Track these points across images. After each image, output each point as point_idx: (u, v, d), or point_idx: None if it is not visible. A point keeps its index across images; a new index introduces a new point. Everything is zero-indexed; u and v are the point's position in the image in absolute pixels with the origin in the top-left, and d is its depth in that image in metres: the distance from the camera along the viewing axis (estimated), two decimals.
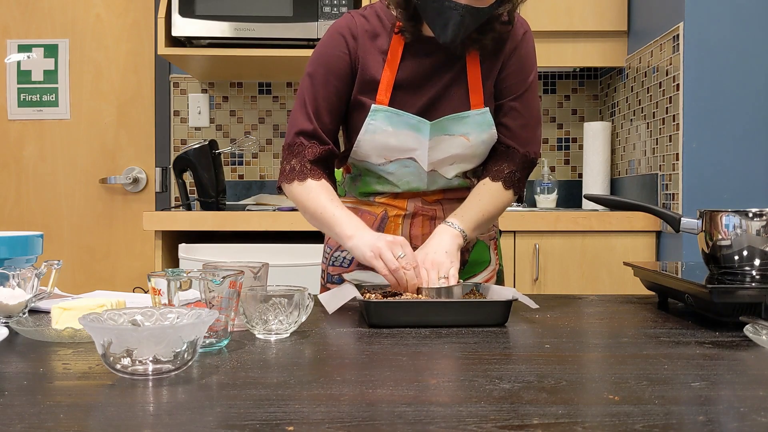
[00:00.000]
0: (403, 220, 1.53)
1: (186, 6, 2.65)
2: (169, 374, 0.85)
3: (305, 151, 1.46)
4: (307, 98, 1.47)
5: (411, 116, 1.44)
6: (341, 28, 1.47)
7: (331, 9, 2.66)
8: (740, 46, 2.30)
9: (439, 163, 1.49)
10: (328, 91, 1.46)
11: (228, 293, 1.01)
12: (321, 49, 1.48)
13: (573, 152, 3.25)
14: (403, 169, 1.49)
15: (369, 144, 1.47)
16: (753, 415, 0.71)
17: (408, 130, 1.45)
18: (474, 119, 1.46)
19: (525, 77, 1.50)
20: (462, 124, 1.46)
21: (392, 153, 1.47)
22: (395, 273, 1.30)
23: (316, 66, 1.47)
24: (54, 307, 1.10)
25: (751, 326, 1.03)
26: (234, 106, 3.24)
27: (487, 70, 1.47)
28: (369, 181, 1.55)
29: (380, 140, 1.45)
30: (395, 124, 1.44)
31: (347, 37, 1.46)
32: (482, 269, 1.59)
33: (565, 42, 2.86)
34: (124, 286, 3.21)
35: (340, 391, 0.80)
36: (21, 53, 3.26)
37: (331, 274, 1.59)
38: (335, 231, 1.42)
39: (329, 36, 1.48)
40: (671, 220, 1.36)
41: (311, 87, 1.46)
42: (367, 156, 1.49)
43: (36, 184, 3.27)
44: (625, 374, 0.87)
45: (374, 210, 1.55)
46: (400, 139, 1.45)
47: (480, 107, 1.46)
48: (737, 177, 2.30)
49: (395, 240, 1.33)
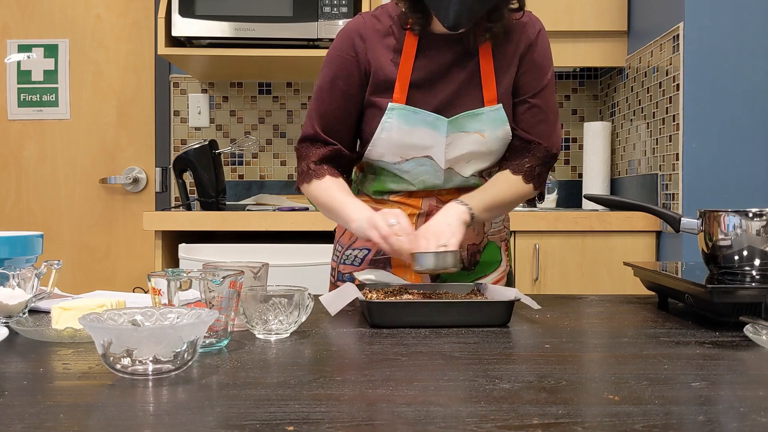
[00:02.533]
0: (417, 218, 1.53)
1: (186, 6, 2.66)
2: (169, 374, 0.85)
3: (309, 153, 1.51)
4: (313, 104, 1.51)
5: (428, 113, 1.45)
6: (349, 30, 1.48)
7: (331, 9, 2.66)
8: (740, 46, 2.30)
9: (456, 160, 1.49)
10: (334, 94, 1.48)
11: (228, 293, 1.01)
12: (329, 52, 1.50)
13: (573, 152, 3.25)
14: (419, 168, 1.49)
15: (385, 143, 1.47)
16: (753, 415, 0.71)
17: (425, 128, 1.45)
18: (488, 116, 1.46)
19: (543, 74, 1.50)
20: (477, 121, 1.46)
21: (408, 151, 1.48)
22: (387, 239, 1.32)
23: (325, 70, 1.50)
24: (54, 307, 1.10)
25: (751, 326, 1.03)
26: (234, 106, 3.24)
27: (500, 65, 1.47)
28: (383, 179, 1.55)
29: (396, 138, 1.46)
30: (412, 122, 1.45)
31: (355, 39, 1.47)
32: (493, 270, 1.58)
33: (565, 42, 2.86)
34: (124, 286, 3.21)
35: (340, 391, 0.80)
36: (21, 53, 3.26)
37: (342, 272, 1.58)
38: (342, 217, 1.44)
39: (338, 39, 1.50)
40: (671, 220, 1.36)
41: (318, 92, 1.51)
42: (382, 155, 1.50)
43: (36, 184, 3.27)
44: (625, 374, 0.87)
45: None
46: (417, 136, 1.46)
47: (493, 104, 1.47)
48: (737, 177, 2.30)
49: (390, 210, 1.36)
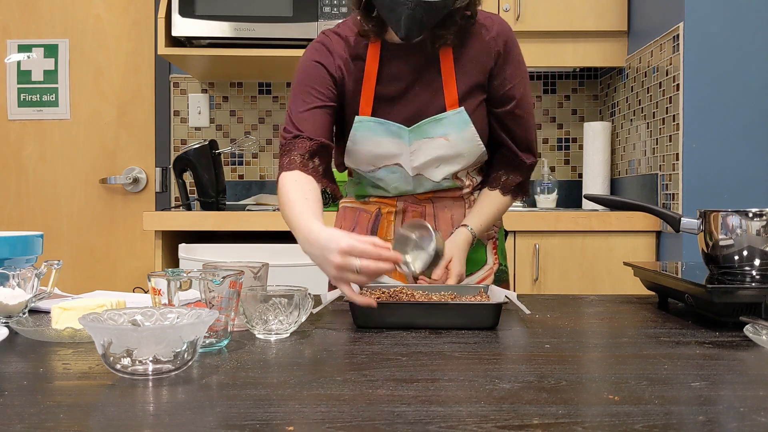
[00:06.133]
0: (395, 216, 1.59)
1: (186, 6, 2.65)
2: (169, 374, 0.85)
3: (295, 147, 1.44)
4: (290, 105, 1.49)
5: (392, 124, 1.49)
6: (316, 44, 1.52)
7: (331, 9, 2.66)
8: (740, 46, 2.30)
9: (423, 166, 1.52)
10: (309, 97, 1.47)
11: (228, 293, 1.01)
12: (300, 62, 1.52)
13: (573, 152, 3.25)
14: (391, 175, 1.54)
15: (357, 154, 1.53)
16: (753, 415, 0.71)
17: (390, 138, 1.49)
18: (451, 119, 1.48)
19: (517, 85, 1.52)
20: (440, 126, 1.49)
21: (379, 160, 1.53)
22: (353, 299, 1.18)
23: (297, 75, 1.50)
24: (54, 307, 1.10)
25: (751, 326, 1.03)
26: (234, 106, 3.24)
27: (461, 69, 1.49)
28: (364, 185, 1.62)
29: (366, 149, 1.51)
30: (378, 132, 1.49)
31: (322, 52, 1.50)
32: (478, 268, 1.60)
33: (565, 42, 2.86)
34: (124, 286, 3.21)
35: (340, 391, 0.80)
36: (21, 53, 3.26)
37: None
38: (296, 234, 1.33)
39: (307, 51, 1.52)
40: (671, 220, 1.36)
41: (292, 96, 1.50)
42: (358, 164, 1.56)
43: (36, 184, 3.27)
44: (625, 374, 0.87)
45: (369, 208, 1.62)
46: (384, 147, 1.50)
47: (455, 107, 1.48)
48: (737, 177, 2.30)
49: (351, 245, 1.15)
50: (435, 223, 1.58)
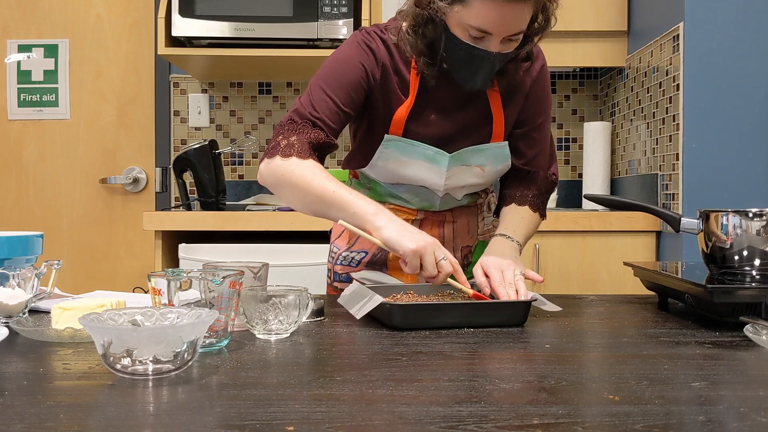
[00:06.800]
0: (412, 224, 1.50)
1: (186, 6, 2.65)
2: (169, 374, 0.85)
3: (309, 132, 1.37)
4: (314, 91, 1.40)
5: (427, 147, 1.44)
6: (361, 41, 1.42)
7: (331, 9, 2.66)
8: (740, 46, 2.30)
9: (453, 190, 1.51)
10: (339, 95, 1.39)
11: (228, 293, 1.01)
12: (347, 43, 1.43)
13: (573, 152, 3.25)
14: (414, 190, 1.51)
15: (381, 170, 1.48)
16: (753, 415, 0.71)
17: (422, 161, 1.44)
18: (492, 151, 1.47)
19: (543, 109, 1.52)
20: (480, 156, 1.47)
21: (404, 179, 1.48)
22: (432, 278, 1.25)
23: (334, 65, 1.41)
24: (54, 307, 1.10)
25: (751, 326, 1.03)
26: (234, 106, 3.24)
27: (507, 103, 1.48)
28: (380, 191, 1.55)
29: (392, 168, 1.46)
30: (409, 153, 1.44)
31: (368, 55, 1.41)
32: None
33: (565, 42, 2.86)
34: (124, 286, 3.21)
35: (340, 391, 0.80)
36: (21, 53, 3.26)
37: (339, 273, 1.59)
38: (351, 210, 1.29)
39: (351, 46, 1.42)
40: (671, 220, 1.36)
41: (324, 83, 1.39)
42: (378, 176, 1.51)
43: (36, 184, 3.27)
44: (625, 374, 0.87)
45: None
46: (413, 169, 1.45)
47: (500, 140, 1.48)
48: (737, 177, 2.30)
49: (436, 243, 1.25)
50: (453, 230, 1.57)
